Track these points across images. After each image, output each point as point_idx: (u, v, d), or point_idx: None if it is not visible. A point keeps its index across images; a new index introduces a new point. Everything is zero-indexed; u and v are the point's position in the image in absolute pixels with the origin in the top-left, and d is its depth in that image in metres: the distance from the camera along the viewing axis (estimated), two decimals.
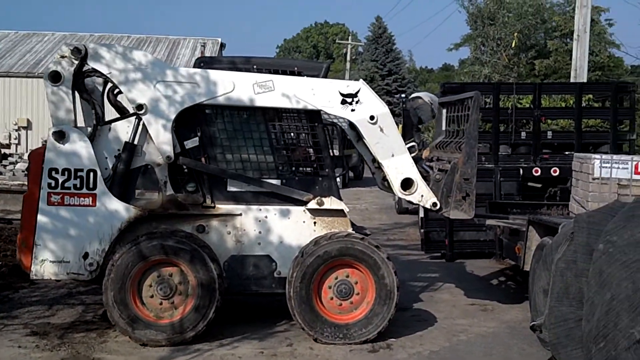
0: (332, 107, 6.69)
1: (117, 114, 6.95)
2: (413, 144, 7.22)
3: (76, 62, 6.33)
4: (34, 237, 6.28)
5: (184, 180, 6.69)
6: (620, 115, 11.14)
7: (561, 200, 9.64)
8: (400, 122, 18.99)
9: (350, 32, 66.33)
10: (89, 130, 6.52)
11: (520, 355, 6.37)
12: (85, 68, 6.48)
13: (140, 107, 6.40)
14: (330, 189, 6.85)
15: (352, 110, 6.67)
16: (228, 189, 6.72)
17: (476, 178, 10.45)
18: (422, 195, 6.84)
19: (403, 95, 26.86)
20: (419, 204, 6.98)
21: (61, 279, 6.54)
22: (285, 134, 7.14)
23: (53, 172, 6.29)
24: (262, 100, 6.59)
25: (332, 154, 7.29)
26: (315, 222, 6.77)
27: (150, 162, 6.59)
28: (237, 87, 6.55)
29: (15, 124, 25.61)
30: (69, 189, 6.29)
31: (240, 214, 6.69)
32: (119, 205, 6.38)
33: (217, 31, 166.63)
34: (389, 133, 6.73)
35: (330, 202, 6.75)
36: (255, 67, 7.00)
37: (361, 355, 6.29)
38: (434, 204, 6.86)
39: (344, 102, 6.66)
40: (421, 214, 11.29)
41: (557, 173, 10.66)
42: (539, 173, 10.80)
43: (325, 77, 7.10)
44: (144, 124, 6.50)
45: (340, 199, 6.86)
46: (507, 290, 9.10)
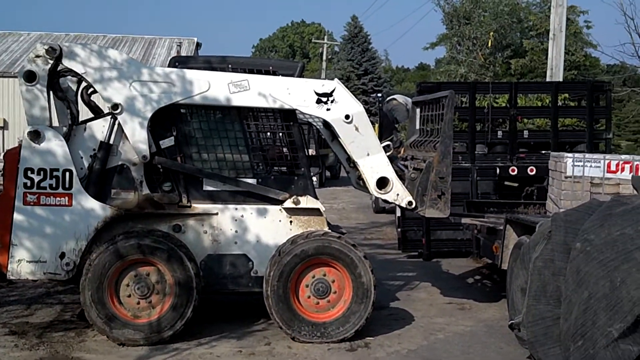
0: (308, 107, 6.69)
1: (91, 114, 6.90)
2: (388, 143, 7.22)
3: (51, 61, 6.30)
4: (10, 237, 6.25)
5: (160, 179, 6.68)
6: (596, 114, 11.25)
7: (538, 199, 9.70)
8: (376, 121, 19.06)
9: (326, 32, 66.31)
10: (65, 129, 6.49)
11: (498, 354, 6.38)
12: (60, 67, 6.44)
13: (116, 106, 6.38)
14: (306, 188, 6.86)
15: (328, 109, 6.68)
16: (204, 188, 6.71)
17: (453, 177, 10.55)
18: (398, 194, 6.85)
19: (379, 94, 26.97)
20: (394, 203, 6.98)
21: (38, 279, 6.51)
22: (261, 133, 7.13)
23: (29, 172, 6.27)
24: (238, 100, 6.59)
25: (307, 154, 7.30)
26: (291, 221, 6.77)
27: (126, 162, 6.57)
28: (212, 86, 6.53)
29: None
30: (44, 188, 6.27)
31: (217, 213, 6.68)
32: (95, 204, 6.36)
33: (192, 31, 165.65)
34: (364, 132, 6.74)
35: (306, 201, 6.75)
36: (230, 66, 6.99)
37: (339, 354, 6.27)
38: (410, 203, 6.88)
39: (319, 102, 6.67)
40: (398, 213, 11.30)
41: (534, 172, 10.73)
42: (515, 172, 10.85)
43: (300, 76, 7.09)
44: (119, 124, 6.46)
45: (316, 198, 6.86)
46: (484, 289, 9.13)
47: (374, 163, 6.78)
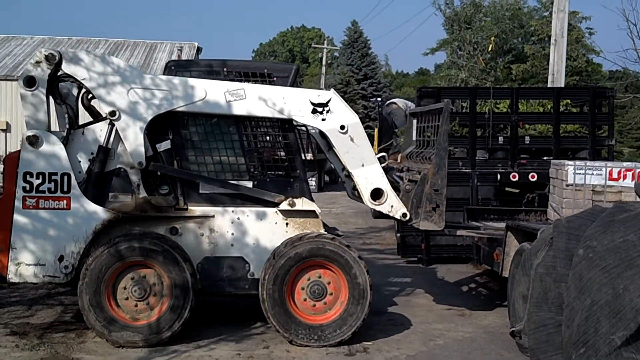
0: (303, 116, 6.73)
1: (91, 118, 6.92)
2: (383, 154, 7.22)
3: (50, 67, 6.34)
4: (10, 240, 6.29)
5: (157, 182, 6.70)
6: (598, 120, 11.18)
7: (539, 206, 9.63)
8: (376, 125, 19.03)
9: (326, 37, 66.34)
10: (63, 134, 6.51)
11: None
12: (59, 73, 6.48)
13: (113, 113, 6.43)
14: (302, 191, 6.87)
15: (323, 119, 6.72)
16: (201, 192, 6.74)
17: (453, 183, 10.54)
18: (392, 206, 6.84)
19: (379, 99, 26.95)
20: (388, 214, 6.95)
21: (37, 282, 6.55)
22: (257, 137, 7.12)
23: (28, 176, 6.31)
24: (234, 109, 6.63)
25: (304, 157, 7.29)
26: (287, 224, 6.77)
27: (123, 165, 6.60)
28: (208, 94, 6.57)
29: None
30: (43, 192, 6.32)
31: (214, 216, 6.70)
32: (94, 207, 6.39)
33: (193, 35, 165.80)
34: (360, 143, 6.75)
35: (302, 204, 6.75)
36: (225, 69, 6.99)
37: (338, 358, 6.22)
38: (404, 215, 6.87)
39: (314, 112, 6.71)
40: None
41: (535, 179, 10.67)
42: (516, 178, 10.80)
43: (294, 79, 7.12)
44: (117, 129, 6.49)
45: (312, 200, 6.85)
46: (484, 295, 9.07)
47: (368, 174, 6.77)
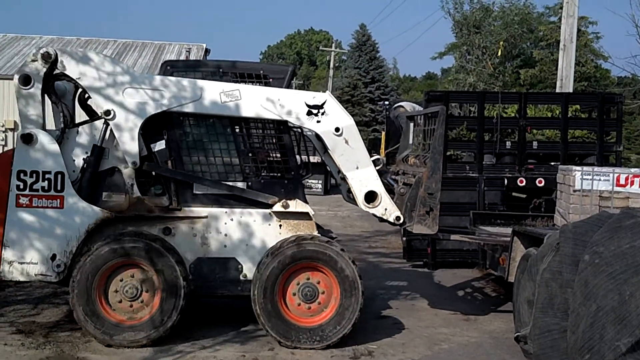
0: (298, 118, 6.72)
1: (88, 117, 6.92)
2: (378, 157, 7.18)
3: (46, 65, 6.34)
4: (2, 238, 6.27)
5: (151, 182, 6.70)
6: (607, 126, 11.12)
7: (546, 211, 9.58)
8: (383, 129, 19.00)
9: (334, 40, 66.35)
10: (58, 132, 6.50)
11: None
12: (55, 72, 6.46)
13: (108, 112, 6.42)
14: (295, 192, 6.86)
15: (318, 121, 6.70)
16: (194, 192, 6.73)
17: (460, 187, 10.53)
18: (386, 209, 6.82)
19: (387, 102, 26.90)
20: (382, 217, 6.93)
21: (29, 280, 6.53)
22: (251, 138, 7.13)
23: (21, 174, 6.30)
24: (229, 109, 6.61)
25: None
26: (281, 225, 6.78)
27: (117, 165, 6.60)
28: (204, 95, 6.56)
29: (2, 126, 25.28)
30: (37, 191, 6.31)
31: (207, 217, 6.69)
32: (87, 207, 6.39)
33: (202, 37, 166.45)
34: (354, 145, 6.73)
35: (296, 205, 6.75)
36: (221, 70, 7.00)
37: None
38: (397, 218, 6.85)
39: (309, 113, 6.70)
40: None
41: (543, 184, 10.62)
42: (523, 183, 10.76)
43: (290, 80, 7.14)
44: (111, 128, 6.48)
45: (306, 202, 6.85)
46: (489, 300, 9.04)
47: (363, 176, 6.75)
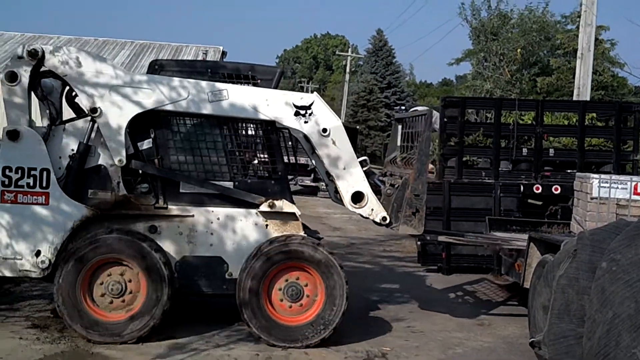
0: (285, 119, 6.73)
1: (75, 115, 6.90)
2: (365, 158, 7.20)
3: (33, 62, 6.34)
4: None
5: (137, 181, 6.72)
6: (623, 135, 11.10)
7: (562, 218, 9.58)
8: None
9: (350, 45, 66.43)
10: (44, 129, 6.51)
11: None
12: (42, 69, 6.48)
13: (95, 110, 6.43)
14: (282, 192, 6.88)
15: (305, 122, 6.72)
16: (181, 191, 6.73)
17: (475, 193, 10.54)
18: (372, 209, 6.83)
19: (402, 107, 26.84)
20: (368, 218, 6.94)
21: (13, 276, 6.51)
22: (239, 138, 7.15)
23: (7, 170, 6.31)
24: (216, 109, 6.63)
25: (288, 159, 7.31)
26: (267, 225, 6.79)
27: (104, 163, 6.60)
28: (191, 94, 6.57)
29: None
30: (22, 187, 6.30)
31: (193, 215, 6.69)
32: (72, 204, 6.38)
33: (219, 39, 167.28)
34: (341, 146, 6.76)
35: (282, 205, 6.76)
36: (209, 70, 7.05)
37: None
38: (384, 218, 6.86)
39: (297, 114, 6.72)
40: None
41: (559, 191, 10.61)
42: (539, 190, 10.74)
43: (278, 82, 7.16)
44: (98, 126, 6.50)
45: (293, 202, 6.88)
46: (504, 306, 9.03)
47: (349, 177, 6.78)
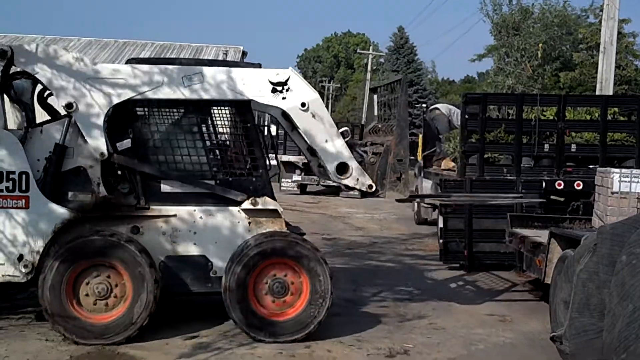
0: (263, 96, 6.69)
1: (49, 116, 6.91)
2: (346, 129, 7.30)
3: (2, 63, 6.28)
4: None
5: (117, 181, 6.67)
6: None
7: (584, 214, 9.53)
8: (420, 132, 19.00)
9: (371, 43, 66.24)
10: (21, 132, 6.48)
11: None
12: (13, 70, 6.46)
13: (70, 105, 6.36)
14: (264, 189, 6.87)
15: (283, 98, 6.69)
16: (162, 190, 6.71)
17: (498, 190, 10.52)
18: (358, 179, 6.90)
19: (424, 105, 26.79)
20: (355, 188, 7.02)
21: None
22: (218, 135, 7.15)
23: None
24: (193, 93, 6.58)
25: (268, 156, 7.26)
26: (250, 222, 6.78)
27: (83, 164, 6.53)
28: (166, 80, 6.52)
29: None
30: (1, 191, 6.23)
31: (175, 215, 6.67)
32: (53, 207, 6.32)
33: (239, 39, 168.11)
34: (321, 119, 6.77)
35: (265, 203, 6.77)
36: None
37: (378, 359, 6.31)
38: (370, 186, 6.94)
39: (274, 91, 6.68)
40: (440, 224, 11.24)
41: (581, 187, 10.54)
42: (562, 186, 10.69)
43: None
44: (74, 125, 6.45)
45: (274, 199, 6.89)
46: (526, 302, 9.01)
47: (332, 149, 6.79)
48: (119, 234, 6.45)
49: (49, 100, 7.03)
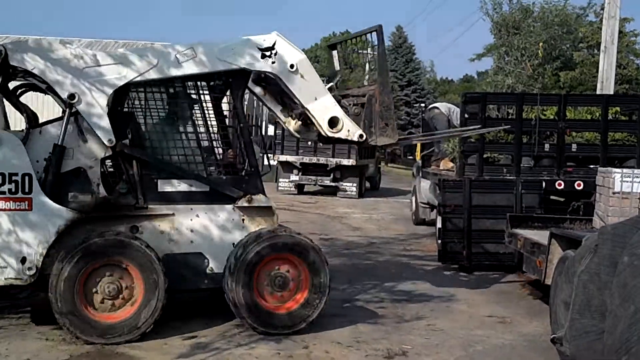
0: (254, 63, 6.87)
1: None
2: (331, 84, 7.60)
3: None
4: None
5: (115, 182, 6.72)
6: None
7: (585, 214, 9.47)
8: (419, 131, 18.93)
9: (370, 42, 66.14)
10: (22, 133, 6.45)
11: None
12: (11, 70, 6.44)
13: (72, 96, 6.36)
14: (256, 188, 6.99)
15: (273, 62, 6.89)
16: (159, 190, 6.77)
17: (496, 190, 10.48)
18: (349, 130, 7.17)
19: (423, 105, 26.72)
20: (347, 139, 7.24)
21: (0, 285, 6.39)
22: (213, 134, 7.24)
23: None
24: (187, 68, 6.67)
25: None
26: (244, 219, 6.90)
27: (82, 165, 6.56)
28: (160, 60, 6.62)
29: None
30: (4, 193, 6.17)
31: (173, 214, 6.74)
32: (56, 208, 6.30)
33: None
34: (309, 78, 7.02)
35: (260, 199, 6.91)
36: None
37: None
38: (361, 136, 7.21)
39: (263, 57, 6.87)
40: (439, 225, 11.19)
41: (581, 187, 10.49)
42: (562, 186, 10.64)
43: None
44: (73, 124, 6.46)
45: (266, 195, 7.00)
46: (525, 303, 8.94)
47: (322, 105, 7.07)
48: (140, 239, 6.48)
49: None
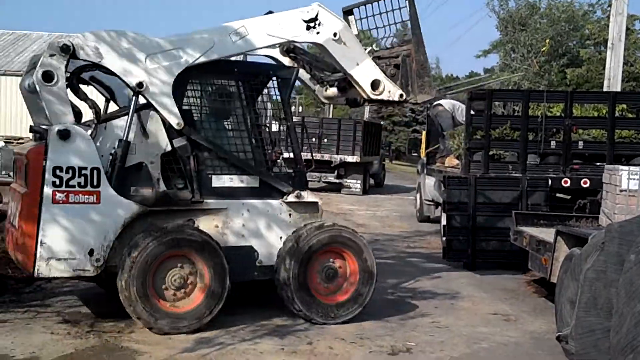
0: (300, 35, 7.09)
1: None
2: (370, 48, 7.85)
3: (66, 58, 6.31)
4: (37, 236, 6.21)
5: (173, 177, 6.85)
6: None
7: (591, 212, 9.41)
8: (424, 129, 18.87)
9: (374, 38, 65.97)
10: (90, 128, 6.53)
11: None
12: (81, 64, 6.53)
13: (141, 84, 6.48)
14: (302, 184, 7.25)
15: (317, 32, 7.08)
16: (213, 185, 6.94)
17: (502, 187, 10.45)
18: (390, 91, 7.44)
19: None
20: (389, 100, 7.53)
21: (67, 276, 6.57)
22: (264, 133, 7.39)
23: (57, 171, 6.24)
24: (242, 47, 6.91)
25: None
26: (290, 214, 7.15)
27: (144, 160, 6.69)
28: (217, 42, 6.75)
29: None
30: (73, 186, 6.27)
31: (227, 208, 6.91)
32: (122, 201, 6.43)
33: None
34: (350, 45, 7.25)
35: (307, 195, 7.16)
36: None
37: (380, 357, 6.23)
38: (401, 95, 7.50)
39: (308, 28, 7.06)
40: (443, 222, 11.15)
41: (588, 184, 10.43)
42: (568, 184, 10.58)
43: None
44: (135, 121, 6.57)
45: (312, 192, 7.26)
46: (530, 301, 8.91)
47: (364, 69, 7.30)
48: (190, 226, 6.71)
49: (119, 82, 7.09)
